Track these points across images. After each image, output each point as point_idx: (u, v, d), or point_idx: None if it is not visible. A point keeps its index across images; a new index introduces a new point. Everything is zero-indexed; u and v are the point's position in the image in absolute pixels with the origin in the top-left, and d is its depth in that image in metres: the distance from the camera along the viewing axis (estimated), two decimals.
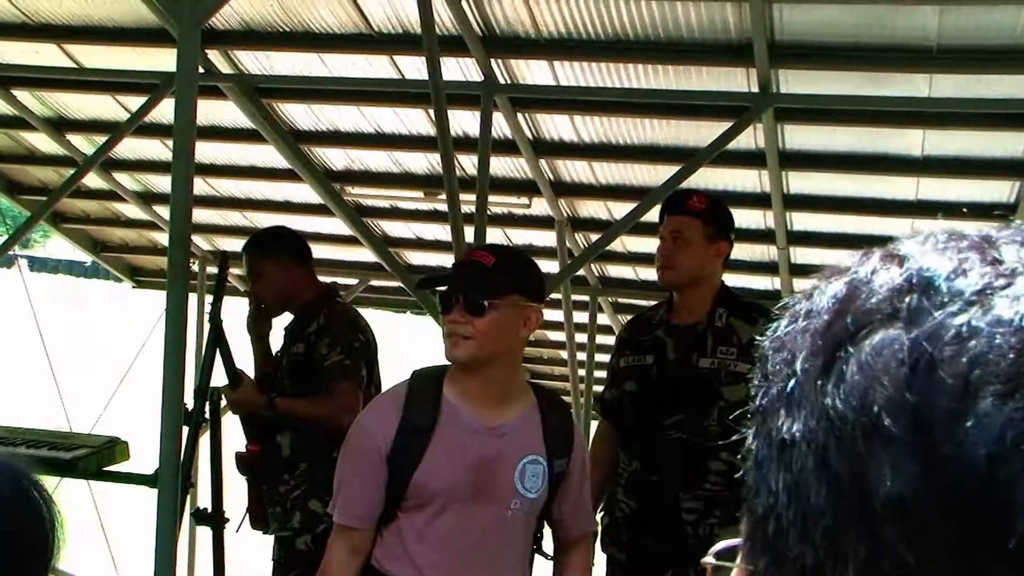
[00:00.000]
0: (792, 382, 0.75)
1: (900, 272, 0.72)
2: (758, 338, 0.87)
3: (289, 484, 6.06)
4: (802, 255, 9.83)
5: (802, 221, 9.31)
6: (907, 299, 0.70)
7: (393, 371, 5.44)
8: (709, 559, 0.90)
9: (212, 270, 11.77)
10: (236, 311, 6.53)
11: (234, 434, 6.21)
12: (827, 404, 0.70)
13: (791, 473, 0.72)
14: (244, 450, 6.10)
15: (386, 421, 4.27)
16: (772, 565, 0.74)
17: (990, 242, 0.73)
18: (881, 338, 0.69)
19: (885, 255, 0.76)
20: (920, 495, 0.64)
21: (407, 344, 25.84)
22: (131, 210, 11.30)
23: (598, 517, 5.98)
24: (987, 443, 0.63)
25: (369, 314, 7.22)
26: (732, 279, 6.03)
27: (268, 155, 9.58)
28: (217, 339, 5.75)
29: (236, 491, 6.20)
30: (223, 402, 5.91)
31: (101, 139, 9.23)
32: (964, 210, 8.36)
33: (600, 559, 6.10)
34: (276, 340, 6.45)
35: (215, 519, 5.85)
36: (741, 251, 9.66)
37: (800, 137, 8.19)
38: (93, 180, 10.14)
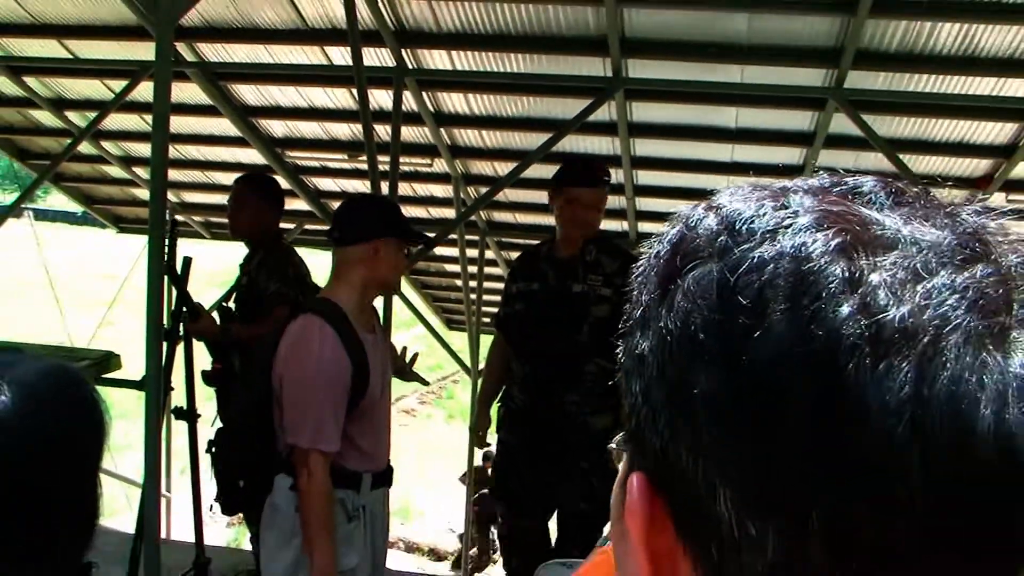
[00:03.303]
0: (643, 309, 0.73)
1: (715, 219, 0.71)
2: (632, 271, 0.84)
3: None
4: (644, 204, 9.99)
5: (645, 177, 9.47)
6: (719, 239, 0.69)
7: None
8: (613, 445, 0.85)
9: (179, 217, 11.71)
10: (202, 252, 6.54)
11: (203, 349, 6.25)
12: (662, 326, 0.69)
13: (643, 380, 0.71)
14: (210, 368, 6.15)
15: (343, 358, 4.18)
16: (637, 451, 0.73)
17: (783, 191, 0.72)
18: (700, 271, 0.68)
19: (706, 206, 0.74)
20: (726, 392, 0.65)
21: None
22: (115, 171, 11.15)
23: (495, 408, 6.20)
24: (772, 350, 0.63)
25: (304, 252, 7.25)
26: None
27: (223, 126, 9.53)
28: (178, 284, 5.68)
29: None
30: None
31: (92, 115, 9.11)
32: (750, 172, 8.61)
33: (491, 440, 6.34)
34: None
35: (190, 415, 5.89)
36: None
37: (644, 112, 8.32)
38: (85, 148, 10.01)
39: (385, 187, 7.90)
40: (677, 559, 0.70)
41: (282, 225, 10.00)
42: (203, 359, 6.16)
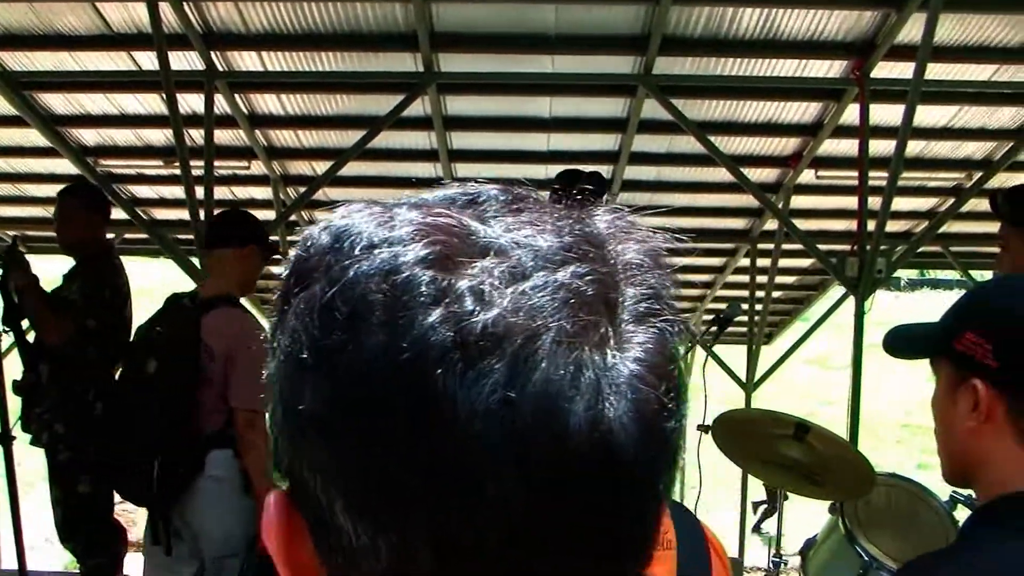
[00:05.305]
0: (270, 331, 0.73)
1: (327, 237, 0.70)
2: None
3: (42, 407, 5.87)
4: None
5: (464, 170, 9.39)
6: (326, 258, 0.69)
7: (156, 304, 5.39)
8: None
9: None
10: None
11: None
12: (277, 347, 0.70)
13: (272, 401, 0.71)
14: (20, 378, 5.97)
15: None
16: (278, 468, 0.72)
17: (394, 205, 0.71)
18: (308, 291, 0.68)
19: (322, 226, 0.72)
20: (329, 408, 0.65)
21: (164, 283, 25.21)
22: None
23: None
24: (366, 363, 0.63)
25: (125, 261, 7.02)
26: None
27: (31, 137, 9.21)
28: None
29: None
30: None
31: None
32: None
33: None
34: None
35: (3, 438, 5.73)
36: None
37: (459, 105, 8.37)
38: None
39: (200, 191, 7.79)
40: (316, 573, 0.70)
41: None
42: (13, 376, 5.99)
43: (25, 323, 5.92)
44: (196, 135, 8.32)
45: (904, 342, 1.94)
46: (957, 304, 1.80)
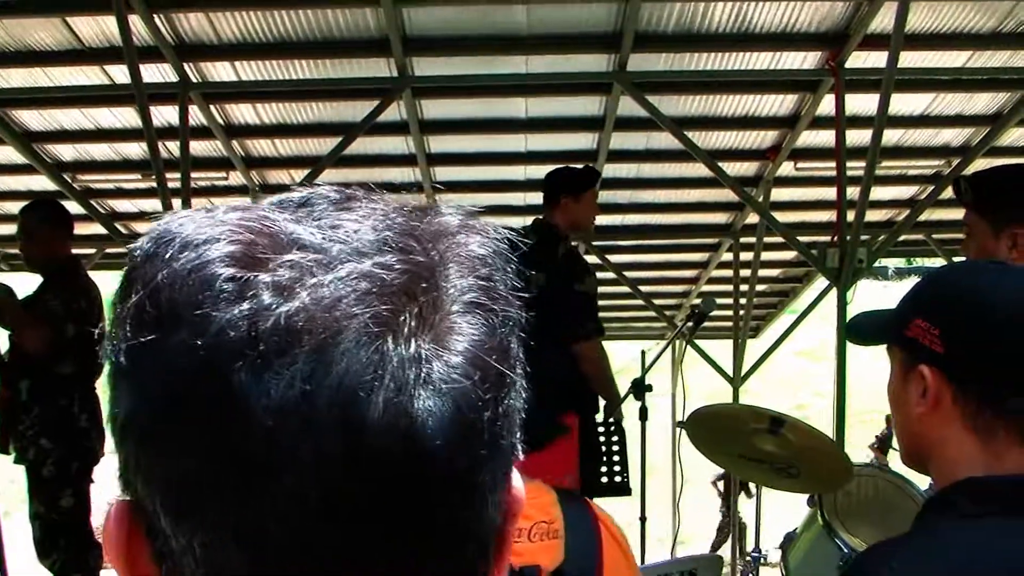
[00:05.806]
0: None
1: (148, 244, 0.68)
2: None
3: (25, 423, 5.87)
4: (443, 199, 10.04)
5: (442, 174, 9.46)
6: (147, 263, 0.67)
7: None
8: None
9: None
10: None
11: None
12: (106, 354, 0.69)
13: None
14: None
15: None
16: (119, 478, 0.71)
17: (215, 208, 0.70)
18: (134, 296, 0.66)
19: (147, 236, 0.70)
20: (140, 412, 0.65)
21: None
22: None
23: None
24: (169, 363, 0.63)
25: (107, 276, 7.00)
26: None
27: (7, 154, 9.18)
28: None
29: None
30: None
31: None
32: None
33: None
34: None
35: None
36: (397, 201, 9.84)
37: (435, 109, 8.36)
38: None
39: (178, 204, 7.77)
40: None
41: (83, 251, 9.74)
42: None
43: (2, 345, 5.92)
44: (173, 147, 8.31)
45: (862, 328, 1.97)
46: (910, 291, 1.81)
